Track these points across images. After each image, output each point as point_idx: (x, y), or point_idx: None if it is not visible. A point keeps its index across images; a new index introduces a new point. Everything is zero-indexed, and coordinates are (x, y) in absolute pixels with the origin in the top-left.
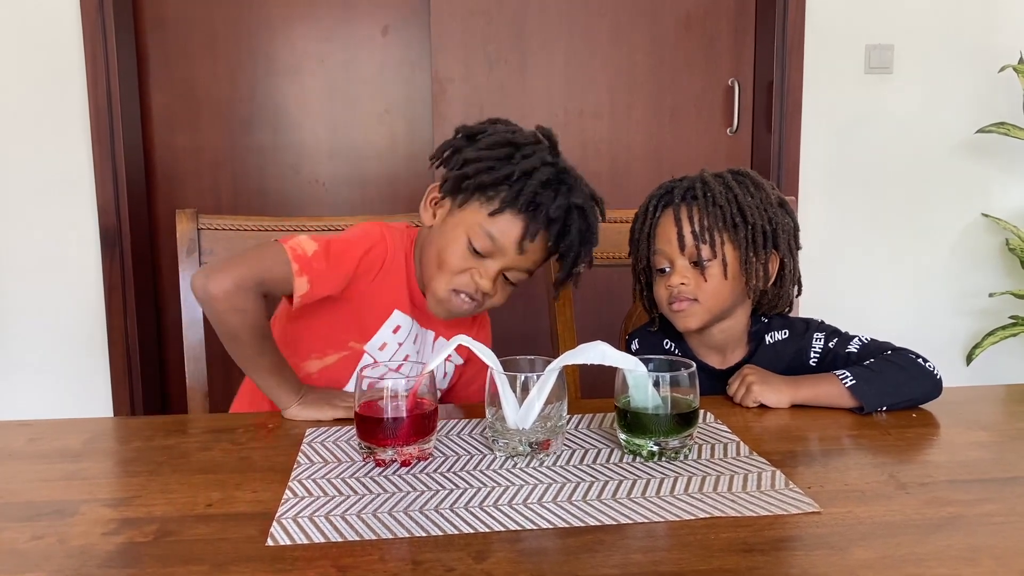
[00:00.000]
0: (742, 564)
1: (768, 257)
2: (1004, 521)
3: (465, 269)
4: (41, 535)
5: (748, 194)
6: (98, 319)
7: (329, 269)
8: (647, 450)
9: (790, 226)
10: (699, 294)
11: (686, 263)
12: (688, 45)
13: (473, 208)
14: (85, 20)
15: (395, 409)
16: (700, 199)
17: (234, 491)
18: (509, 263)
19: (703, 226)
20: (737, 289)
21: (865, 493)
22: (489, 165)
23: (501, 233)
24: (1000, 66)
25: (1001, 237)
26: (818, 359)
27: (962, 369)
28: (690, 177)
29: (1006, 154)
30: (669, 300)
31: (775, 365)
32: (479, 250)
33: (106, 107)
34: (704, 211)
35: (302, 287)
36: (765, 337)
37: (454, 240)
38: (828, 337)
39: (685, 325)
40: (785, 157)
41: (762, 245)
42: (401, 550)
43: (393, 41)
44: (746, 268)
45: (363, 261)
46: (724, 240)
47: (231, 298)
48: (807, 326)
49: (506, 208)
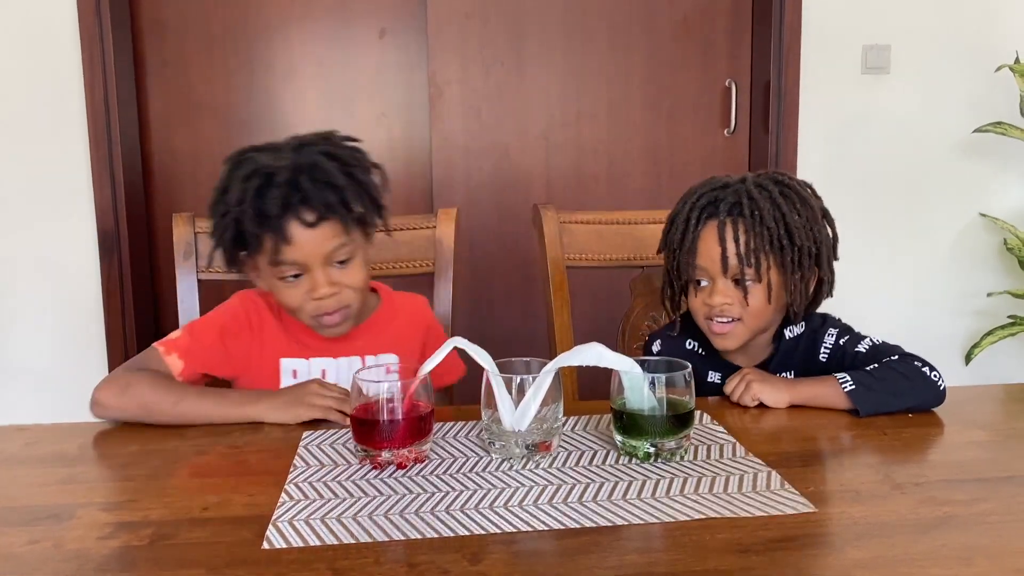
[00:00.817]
0: (737, 565)
1: (810, 276)
2: (999, 521)
3: (302, 298)
4: (37, 539)
5: (795, 212)
6: (96, 322)
7: (194, 342)
8: (643, 451)
9: (831, 239)
10: (742, 314)
11: (728, 282)
12: (685, 46)
13: (257, 257)
14: (82, 24)
15: (391, 412)
16: (747, 217)
17: (230, 494)
18: (315, 261)
19: (749, 248)
20: (778, 307)
21: (860, 493)
22: (221, 225)
23: (284, 256)
24: (997, 66)
25: (999, 237)
26: (828, 354)
27: (961, 369)
28: (734, 186)
29: (1003, 154)
30: (708, 316)
31: (792, 358)
32: (293, 275)
33: (104, 111)
34: (751, 231)
35: (176, 364)
36: (784, 332)
37: (273, 287)
38: (840, 334)
39: (725, 346)
40: (782, 158)
41: (807, 266)
42: (397, 552)
43: (390, 44)
44: (790, 289)
45: (225, 330)
46: (770, 264)
47: (110, 388)
48: (823, 320)
49: (260, 238)
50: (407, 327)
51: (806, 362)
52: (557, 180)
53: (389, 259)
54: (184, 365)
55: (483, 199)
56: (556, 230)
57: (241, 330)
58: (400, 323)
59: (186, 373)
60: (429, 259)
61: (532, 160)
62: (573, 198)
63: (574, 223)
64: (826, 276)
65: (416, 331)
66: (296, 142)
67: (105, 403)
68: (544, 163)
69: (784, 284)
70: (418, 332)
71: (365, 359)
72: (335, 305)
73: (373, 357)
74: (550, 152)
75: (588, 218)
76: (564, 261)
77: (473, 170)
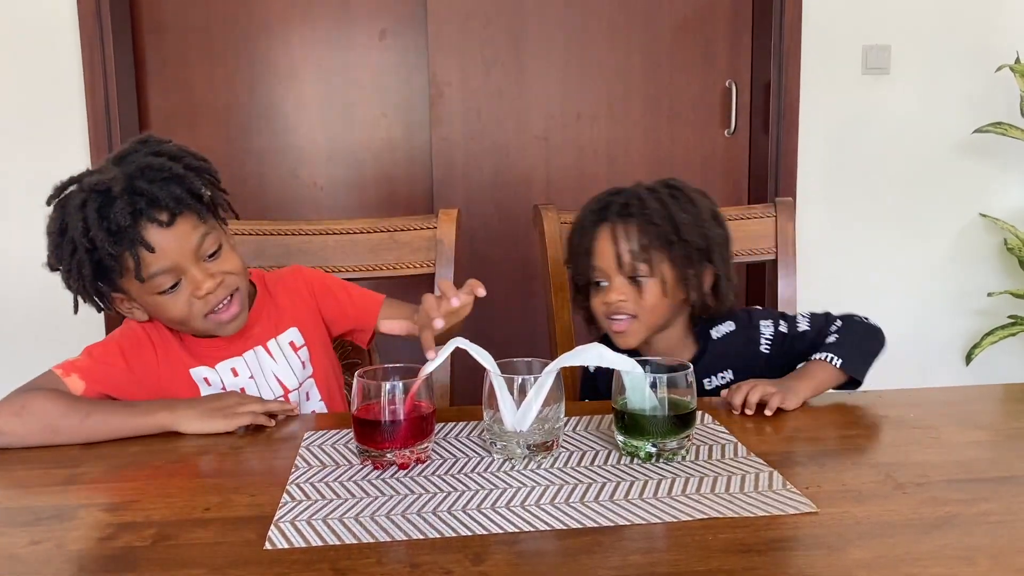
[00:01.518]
0: (739, 565)
1: (703, 271)
2: (1001, 520)
3: (188, 303)
4: (39, 540)
5: (682, 211)
6: (96, 325)
7: (95, 363)
8: (645, 451)
9: (723, 238)
10: (638, 310)
11: (623, 280)
12: (685, 47)
13: (124, 284)
14: (83, 25)
15: (392, 412)
16: (636, 216)
17: (232, 495)
18: (187, 260)
19: (640, 244)
20: (674, 303)
21: (862, 493)
22: (75, 267)
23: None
24: (997, 66)
25: (999, 237)
26: (770, 345)
27: (961, 369)
28: (626, 191)
29: (1004, 154)
30: (606, 315)
31: (727, 358)
32: (169, 287)
33: (104, 111)
34: (641, 229)
35: (77, 385)
36: (711, 333)
37: (155, 306)
38: (775, 323)
39: (625, 343)
40: (782, 158)
41: (697, 260)
42: (399, 553)
43: (390, 45)
44: (684, 283)
45: (125, 350)
46: (661, 258)
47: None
48: (750, 316)
49: (121, 259)
50: (293, 295)
51: (746, 359)
52: (557, 180)
53: (390, 260)
54: (85, 386)
55: (483, 199)
56: (557, 230)
57: (142, 348)
58: (284, 295)
59: (87, 395)
60: (430, 260)
61: (532, 160)
62: (573, 198)
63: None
64: (722, 272)
65: (303, 294)
66: (114, 156)
67: (1, 429)
68: (544, 163)
69: (677, 279)
70: (305, 292)
71: (268, 345)
72: (224, 293)
73: (274, 340)
74: (550, 152)
75: None
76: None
77: (473, 170)
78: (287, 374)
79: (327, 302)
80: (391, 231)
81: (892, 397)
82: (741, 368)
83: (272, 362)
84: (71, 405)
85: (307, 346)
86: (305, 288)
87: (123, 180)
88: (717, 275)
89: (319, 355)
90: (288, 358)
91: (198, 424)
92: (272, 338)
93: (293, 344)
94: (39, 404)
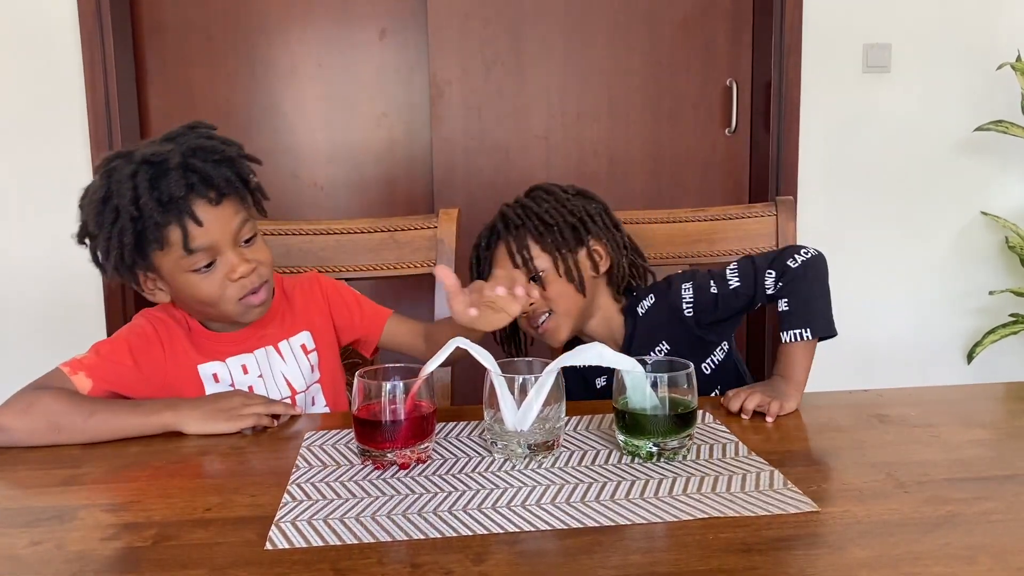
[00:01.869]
0: (740, 564)
1: (588, 244)
2: (1002, 519)
3: (221, 285)
4: (39, 540)
5: (542, 201)
6: (97, 324)
7: (103, 361)
8: (645, 451)
9: (598, 208)
10: (550, 304)
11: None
12: (685, 46)
13: (158, 259)
14: (83, 25)
15: (393, 412)
16: (503, 232)
17: (232, 495)
18: (228, 242)
19: (511, 251)
20: (581, 287)
21: (863, 492)
22: (115, 236)
23: (196, 241)
24: (998, 64)
25: (1001, 235)
26: (692, 306)
27: (963, 367)
28: (495, 219)
29: (1005, 152)
30: (530, 325)
31: (658, 331)
32: (205, 264)
33: (104, 112)
34: (510, 238)
35: (84, 384)
36: (637, 310)
37: (187, 285)
38: (698, 285)
39: (557, 339)
40: (783, 157)
41: (574, 239)
42: (399, 553)
43: (391, 44)
44: (566, 265)
45: (134, 347)
46: (539, 251)
47: (11, 409)
48: (669, 283)
49: (164, 232)
50: (308, 300)
51: (673, 325)
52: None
53: (390, 260)
54: (92, 384)
55: (484, 199)
56: None
57: (150, 345)
58: (300, 299)
59: (94, 393)
60: (430, 259)
61: (533, 160)
62: None
63: None
64: (608, 241)
65: (317, 299)
66: (164, 137)
67: (8, 425)
68: (545, 163)
69: (560, 261)
70: (320, 299)
71: (279, 345)
72: (257, 280)
73: (286, 341)
74: (550, 152)
75: None
76: None
77: (474, 170)
78: (296, 375)
79: (339, 311)
80: (391, 231)
81: (893, 396)
82: (673, 338)
83: (282, 362)
84: (75, 403)
85: (317, 351)
86: (321, 295)
87: (179, 155)
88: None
89: (328, 361)
90: (298, 360)
91: (201, 425)
92: (284, 339)
93: (304, 347)
94: (45, 402)
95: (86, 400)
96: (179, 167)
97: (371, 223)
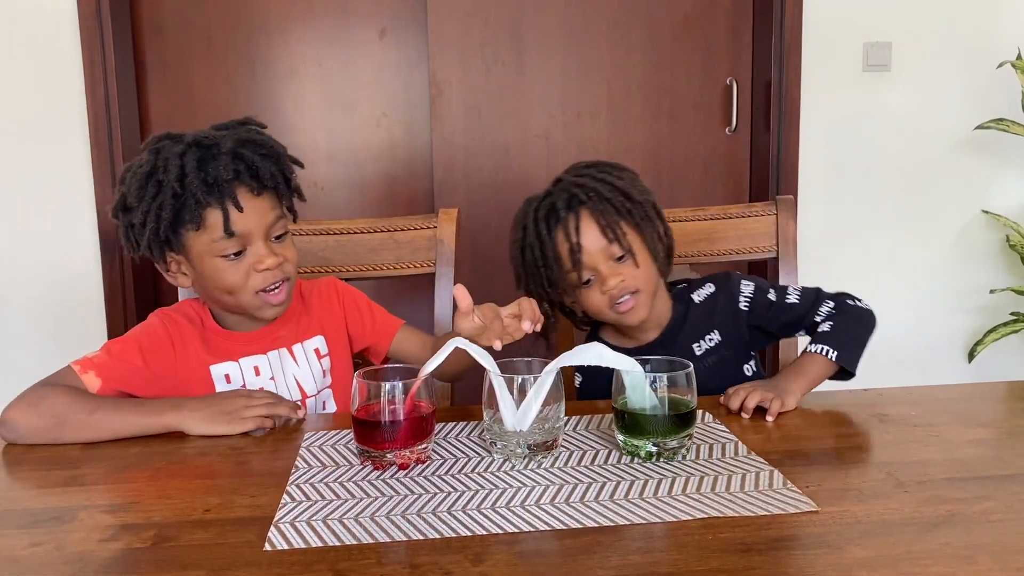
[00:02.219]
0: (739, 564)
1: (664, 226)
2: (1002, 519)
3: (246, 274)
4: (39, 542)
5: (619, 178)
6: (98, 324)
7: (113, 360)
8: (645, 451)
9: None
10: (637, 283)
11: (610, 263)
12: (686, 45)
13: (190, 240)
14: (83, 25)
15: (392, 413)
16: (586, 202)
17: (232, 496)
18: (261, 233)
19: (602, 226)
20: (657, 265)
21: (863, 492)
22: (155, 208)
23: (234, 225)
24: (998, 62)
25: (1001, 234)
26: (749, 303)
27: (964, 366)
28: (558, 188)
29: (1005, 150)
30: (612, 302)
31: (711, 319)
32: (235, 251)
33: (104, 112)
34: (597, 211)
35: (93, 383)
36: (692, 297)
37: (213, 270)
38: (759, 286)
39: (637, 319)
40: (784, 156)
41: (657, 217)
42: (398, 554)
43: (390, 44)
44: (654, 242)
45: (144, 348)
46: (628, 227)
47: (20, 403)
48: (728, 276)
49: (203, 212)
50: (324, 305)
51: (727, 317)
52: None
53: (390, 260)
54: (101, 384)
55: (484, 199)
56: None
57: (161, 346)
58: (316, 303)
59: (103, 392)
60: (430, 259)
61: (533, 159)
62: None
63: None
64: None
65: (333, 305)
66: (216, 126)
67: (14, 420)
68: (545, 162)
69: (646, 240)
70: (336, 305)
71: (293, 348)
72: (281, 275)
73: (300, 345)
74: (551, 151)
75: None
76: None
77: (474, 170)
78: (307, 379)
79: (353, 318)
80: (391, 231)
81: (893, 395)
82: (726, 328)
83: (294, 365)
84: (79, 400)
85: (330, 356)
86: (337, 301)
87: (230, 142)
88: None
89: (341, 367)
90: (311, 364)
91: (203, 427)
92: (298, 342)
93: (318, 351)
94: (52, 398)
95: (91, 397)
96: (229, 152)
97: (371, 223)
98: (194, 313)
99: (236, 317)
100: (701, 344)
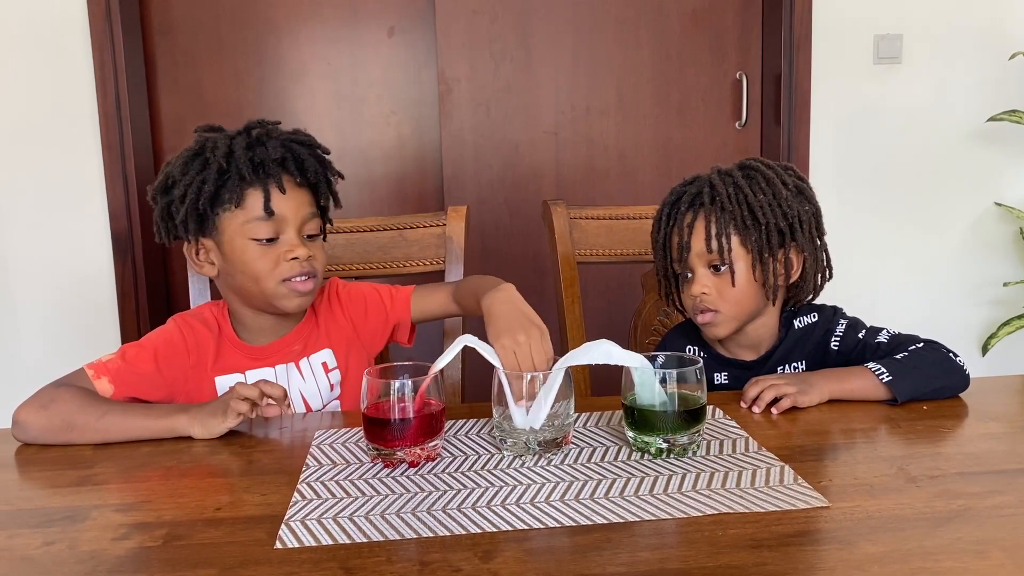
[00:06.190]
0: (750, 560)
1: (788, 253)
2: (1014, 513)
3: (275, 261)
4: (52, 541)
5: (759, 191)
6: (111, 324)
7: (127, 366)
8: (655, 447)
9: (809, 213)
10: (720, 304)
11: (706, 270)
12: (695, 39)
13: (225, 221)
14: (93, 26)
15: (402, 410)
16: (707, 205)
17: (243, 494)
18: (295, 224)
19: (710, 233)
20: (762, 290)
21: (874, 487)
22: (197, 182)
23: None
24: (1011, 53)
25: (1014, 226)
26: (839, 343)
27: (978, 359)
28: (700, 179)
29: (1018, 142)
30: (693, 308)
31: (803, 348)
32: (268, 237)
33: (115, 112)
34: (711, 217)
35: (106, 388)
36: (794, 322)
37: (242, 253)
38: (853, 326)
39: (714, 335)
40: (794, 150)
41: (778, 243)
42: (408, 551)
43: (399, 42)
44: (763, 269)
45: (159, 354)
46: (735, 245)
47: (31, 404)
48: (834, 312)
49: (244, 191)
50: (329, 314)
51: (818, 352)
52: (567, 176)
53: (399, 257)
54: (114, 389)
55: (493, 196)
56: (566, 226)
57: (176, 355)
58: (323, 315)
59: (116, 397)
60: (439, 257)
61: (542, 156)
62: (583, 194)
63: (584, 219)
64: (809, 253)
65: (337, 313)
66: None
67: (25, 421)
68: (554, 159)
69: (753, 265)
70: (339, 312)
71: (300, 362)
72: (308, 268)
73: (307, 359)
74: (560, 148)
75: (598, 213)
76: (575, 257)
77: (483, 167)
78: (313, 394)
79: (359, 315)
80: (400, 229)
81: None
82: (813, 360)
83: (300, 380)
84: (89, 402)
85: (339, 369)
86: (340, 310)
87: (280, 134)
88: (804, 257)
89: (356, 377)
90: (317, 378)
91: (203, 429)
92: (306, 356)
93: (325, 365)
94: (63, 400)
95: (100, 401)
96: (279, 140)
97: (380, 221)
98: (212, 318)
99: (253, 323)
100: (785, 368)
